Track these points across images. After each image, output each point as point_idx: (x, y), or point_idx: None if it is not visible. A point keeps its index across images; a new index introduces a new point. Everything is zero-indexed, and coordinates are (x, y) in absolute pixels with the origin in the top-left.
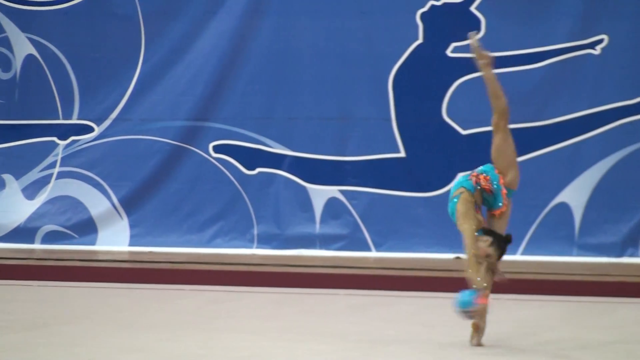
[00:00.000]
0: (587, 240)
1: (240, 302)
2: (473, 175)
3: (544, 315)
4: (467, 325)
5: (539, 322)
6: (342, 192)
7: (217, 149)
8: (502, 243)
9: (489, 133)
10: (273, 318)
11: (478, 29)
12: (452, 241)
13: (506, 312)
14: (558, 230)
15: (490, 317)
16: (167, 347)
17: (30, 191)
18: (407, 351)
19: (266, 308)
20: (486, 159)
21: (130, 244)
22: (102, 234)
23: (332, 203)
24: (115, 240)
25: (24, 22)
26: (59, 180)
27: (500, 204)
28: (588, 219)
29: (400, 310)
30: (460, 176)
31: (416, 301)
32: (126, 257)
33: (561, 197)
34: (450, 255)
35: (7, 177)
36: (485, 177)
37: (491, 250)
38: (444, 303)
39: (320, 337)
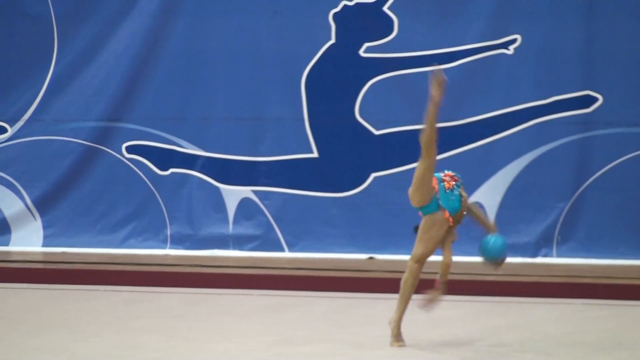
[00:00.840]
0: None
1: (155, 303)
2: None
3: (458, 314)
4: (380, 324)
5: (452, 321)
6: (255, 192)
7: (130, 149)
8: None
9: (401, 133)
10: (187, 318)
11: (390, 31)
12: (365, 241)
13: (419, 312)
14: (472, 230)
15: (405, 317)
16: (82, 347)
17: None
18: (321, 351)
19: (180, 308)
20: (399, 159)
21: (44, 245)
22: (15, 235)
23: (245, 203)
24: (28, 240)
25: None
26: None
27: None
28: (502, 218)
29: (313, 311)
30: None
31: (330, 301)
32: (40, 258)
33: (475, 197)
34: (364, 256)
35: None
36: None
37: None
38: (358, 303)
39: (234, 338)
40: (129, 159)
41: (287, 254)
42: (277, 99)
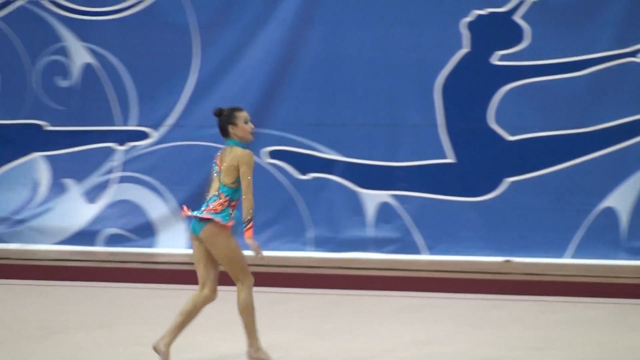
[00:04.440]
0: (633, 244)
1: (297, 303)
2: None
3: (592, 317)
4: (514, 325)
5: (590, 323)
6: (393, 196)
7: (271, 154)
8: None
9: (534, 139)
10: (329, 319)
11: (521, 39)
12: (501, 244)
13: (556, 314)
14: (605, 234)
15: (540, 320)
16: (227, 347)
17: (91, 195)
18: (459, 351)
19: (322, 309)
20: (533, 165)
21: (189, 247)
22: (160, 237)
23: (384, 207)
24: (173, 242)
25: (82, 31)
26: (118, 185)
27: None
28: (634, 223)
29: (451, 312)
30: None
31: (466, 302)
32: (184, 260)
33: (607, 202)
34: (500, 258)
35: (68, 182)
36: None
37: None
38: (494, 304)
39: (374, 338)
40: (270, 164)
41: (425, 257)
42: (412, 106)
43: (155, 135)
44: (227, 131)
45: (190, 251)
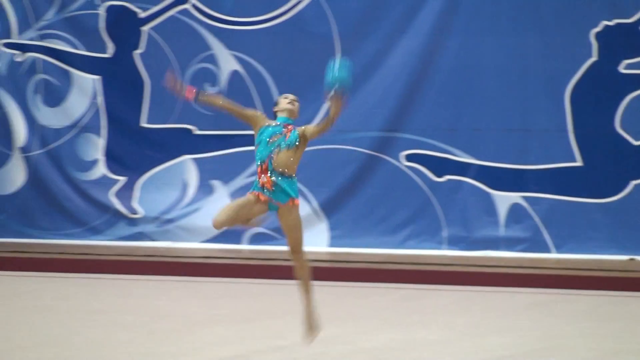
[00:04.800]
0: None
1: (431, 300)
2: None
3: None
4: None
5: None
6: (524, 198)
7: (408, 157)
8: None
9: None
10: (461, 314)
11: None
12: (626, 244)
13: None
14: None
15: None
16: (363, 340)
17: (237, 196)
18: (586, 344)
19: (454, 304)
20: None
21: (330, 245)
22: (304, 236)
23: (515, 208)
24: (316, 241)
25: (230, 40)
26: None
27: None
28: None
29: (577, 308)
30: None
31: (592, 299)
32: (326, 257)
33: None
34: (624, 257)
35: (216, 183)
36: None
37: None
38: (618, 301)
39: (506, 332)
40: (407, 167)
41: (553, 255)
42: (542, 112)
43: None
44: (275, 114)
45: (330, 249)
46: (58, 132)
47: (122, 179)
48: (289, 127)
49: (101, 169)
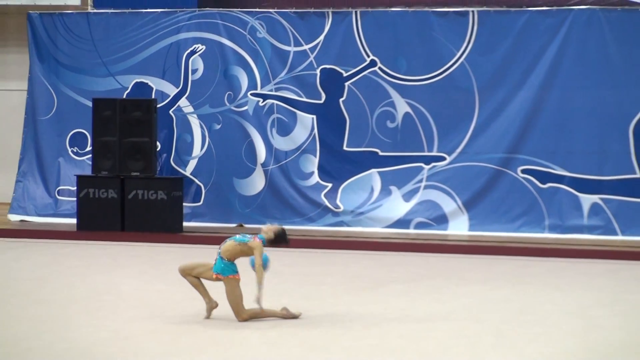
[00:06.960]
0: None
1: (536, 268)
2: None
3: None
4: None
5: None
6: (601, 199)
7: (523, 171)
8: None
9: None
10: (558, 277)
11: None
12: None
13: None
14: None
15: None
16: (497, 291)
17: (407, 197)
18: None
19: (552, 271)
20: None
21: (470, 230)
22: (451, 224)
23: (594, 206)
24: (459, 227)
25: (404, 91)
26: (424, 190)
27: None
28: None
29: (637, 275)
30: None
31: None
32: (467, 238)
33: None
34: None
35: (393, 188)
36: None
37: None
38: None
39: (586, 288)
40: (522, 177)
41: (620, 237)
42: (614, 140)
43: (449, 158)
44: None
45: (470, 233)
46: (287, 153)
47: (329, 185)
48: (255, 237)
49: (316, 178)
